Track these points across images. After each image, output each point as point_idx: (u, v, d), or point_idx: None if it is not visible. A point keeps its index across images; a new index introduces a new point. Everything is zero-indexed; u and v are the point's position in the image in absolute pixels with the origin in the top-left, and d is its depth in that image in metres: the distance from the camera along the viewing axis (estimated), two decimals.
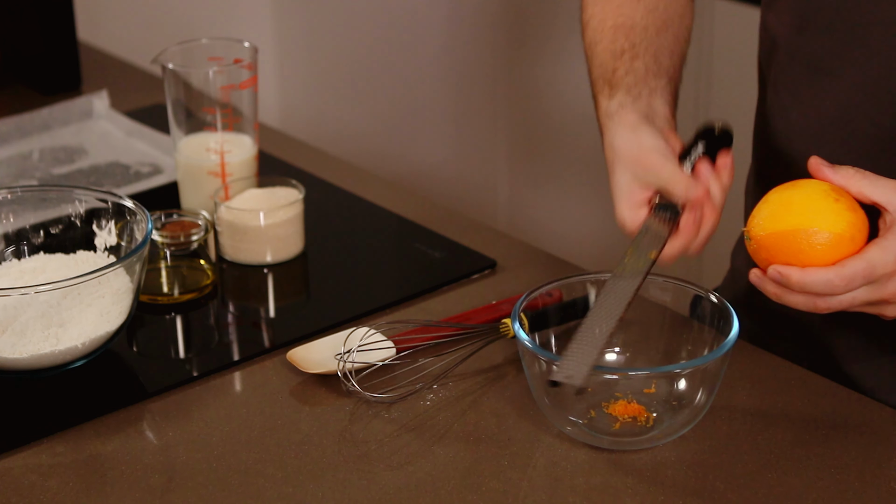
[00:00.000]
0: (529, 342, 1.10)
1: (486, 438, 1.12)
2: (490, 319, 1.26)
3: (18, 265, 1.29)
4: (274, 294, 1.38)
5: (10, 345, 1.17)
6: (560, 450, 1.11)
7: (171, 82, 1.42)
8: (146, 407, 1.18)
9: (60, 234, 1.31)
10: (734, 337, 1.09)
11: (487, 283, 1.36)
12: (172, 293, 1.33)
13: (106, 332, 1.20)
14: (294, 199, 1.40)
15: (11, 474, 1.09)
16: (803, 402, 1.15)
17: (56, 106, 1.73)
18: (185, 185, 1.46)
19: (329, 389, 1.19)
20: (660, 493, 1.06)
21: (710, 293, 1.15)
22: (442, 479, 1.08)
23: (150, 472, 1.10)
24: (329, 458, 1.11)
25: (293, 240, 1.40)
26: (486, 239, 1.45)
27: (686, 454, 1.10)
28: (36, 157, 1.63)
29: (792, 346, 1.30)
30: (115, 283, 1.20)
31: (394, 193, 1.56)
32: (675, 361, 1.17)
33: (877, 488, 1.06)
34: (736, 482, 1.07)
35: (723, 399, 1.15)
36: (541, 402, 1.12)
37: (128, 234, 1.28)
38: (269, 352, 1.25)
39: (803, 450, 1.10)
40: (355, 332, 1.20)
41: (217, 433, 1.14)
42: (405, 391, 1.18)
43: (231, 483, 1.08)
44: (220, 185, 1.42)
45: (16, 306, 1.17)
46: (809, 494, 1.06)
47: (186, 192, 1.46)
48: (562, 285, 1.18)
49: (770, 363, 1.22)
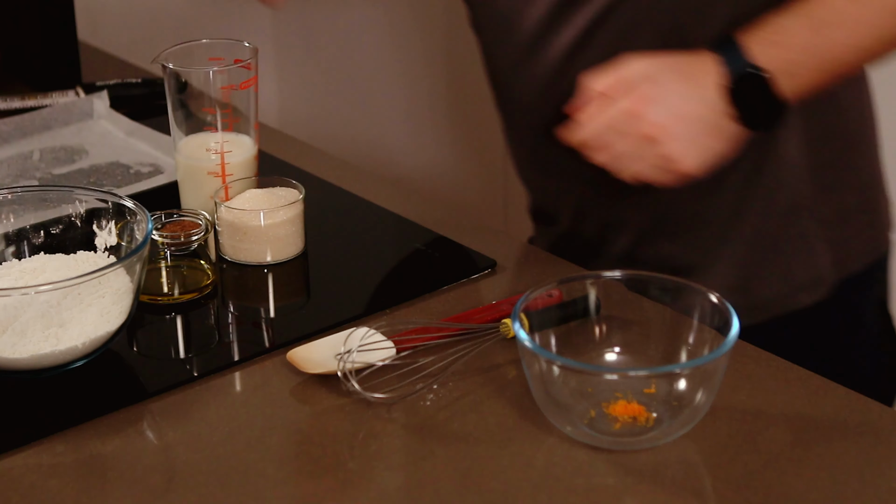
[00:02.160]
0: (529, 342, 1.10)
1: (486, 438, 1.12)
2: (490, 319, 1.26)
3: (18, 265, 1.29)
4: (274, 294, 1.38)
5: (10, 345, 1.17)
6: (560, 450, 1.11)
7: (171, 82, 1.42)
8: (146, 407, 1.18)
9: (60, 234, 1.31)
10: (734, 337, 1.09)
11: (487, 283, 1.36)
12: (172, 293, 1.33)
13: (106, 332, 1.20)
14: (294, 199, 1.40)
15: (11, 474, 1.09)
16: (803, 402, 1.15)
17: (56, 106, 1.73)
18: (185, 185, 1.46)
19: (329, 389, 1.19)
20: (660, 493, 1.06)
21: (711, 293, 1.15)
22: (442, 479, 1.08)
23: (150, 472, 1.10)
24: (329, 458, 1.11)
25: (293, 240, 1.40)
26: (486, 239, 1.45)
27: (686, 454, 1.10)
28: (36, 157, 1.63)
29: None
30: (115, 283, 1.20)
31: (394, 193, 1.56)
32: (675, 361, 1.17)
33: (877, 488, 1.06)
34: (736, 482, 1.07)
35: (723, 399, 1.15)
36: (541, 403, 1.12)
37: (128, 234, 1.28)
38: (269, 352, 1.25)
39: (803, 450, 1.10)
40: (355, 332, 1.20)
41: (217, 433, 1.14)
42: (405, 391, 1.18)
43: (231, 483, 1.08)
44: (220, 185, 1.42)
45: (16, 306, 1.17)
46: (809, 494, 1.06)
47: (186, 192, 1.46)
48: (562, 285, 1.18)
49: (770, 363, 1.22)
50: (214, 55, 1.43)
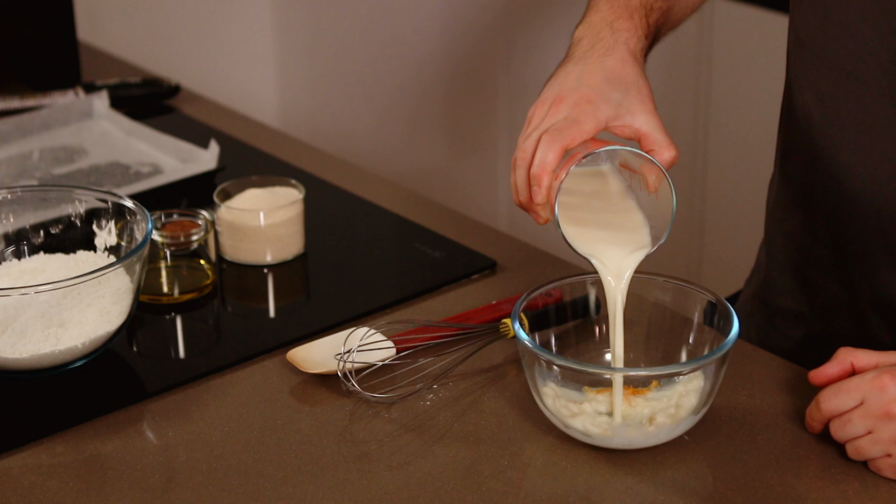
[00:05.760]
0: (529, 342, 1.10)
1: (486, 438, 1.12)
2: (490, 319, 1.26)
3: (18, 265, 1.29)
4: (274, 294, 1.38)
5: (10, 345, 1.17)
6: (560, 450, 1.11)
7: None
8: (146, 407, 1.18)
9: (60, 234, 1.31)
10: (734, 337, 1.09)
11: (487, 283, 1.36)
12: (172, 293, 1.33)
13: (106, 332, 1.20)
14: (294, 199, 1.40)
15: (11, 474, 1.09)
16: (803, 402, 1.15)
17: (56, 106, 1.73)
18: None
19: (329, 389, 1.19)
20: (660, 493, 1.06)
21: (711, 293, 1.15)
22: (442, 479, 1.08)
23: (150, 472, 1.10)
24: (329, 458, 1.11)
25: (293, 240, 1.40)
26: (486, 239, 1.45)
27: (686, 454, 1.10)
28: (36, 157, 1.63)
29: (796, 345, 1.31)
30: (115, 283, 1.20)
31: (394, 193, 1.56)
32: (675, 361, 1.17)
33: (877, 488, 1.06)
34: (736, 482, 1.07)
35: (723, 399, 1.15)
36: (540, 402, 1.12)
37: (128, 234, 1.28)
38: (269, 352, 1.25)
39: (803, 450, 1.10)
40: (355, 332, 1.20)
41: (217, 433, 1.14)
42: (405, 391, 1.18)
43: (231, 483, 1.08)
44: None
45: (16, 306, 1.17)
46: (809, 494, 1.06)
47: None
48: (562, 285, 1.18)
49: (770, 363, 1.22)
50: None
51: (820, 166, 1.24)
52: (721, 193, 2.43)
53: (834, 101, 1.21)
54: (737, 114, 2.36)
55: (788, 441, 1.11)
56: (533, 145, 1.13)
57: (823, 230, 1.28)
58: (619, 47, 1.19)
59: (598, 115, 1.14)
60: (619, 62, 1.18)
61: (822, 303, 1.31)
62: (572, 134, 1.12)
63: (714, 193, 2.44)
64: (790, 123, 1.30)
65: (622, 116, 1.15)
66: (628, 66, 1.18)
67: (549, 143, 1.11)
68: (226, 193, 1.42)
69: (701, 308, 1.16)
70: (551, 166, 1.11)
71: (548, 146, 1.11)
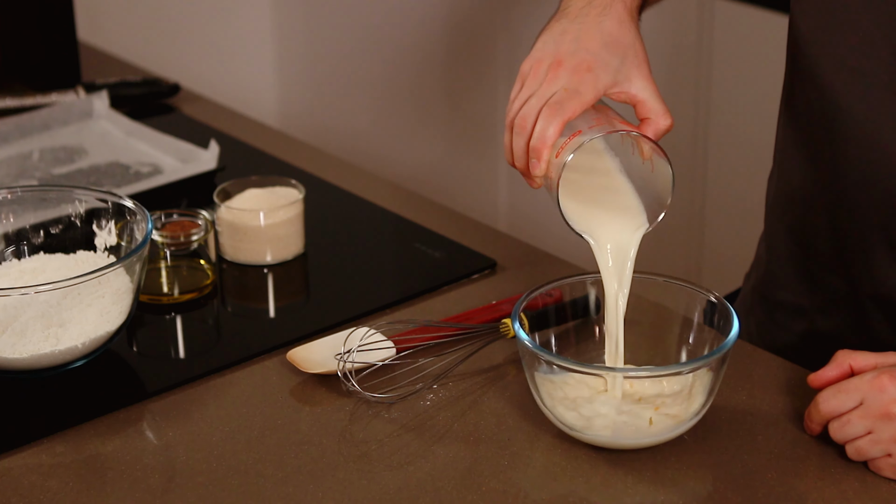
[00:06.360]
0: (529, 342, 1.10)
1: (486, 438, 1.12)
2: (490, 319, 1.26)
3: (18, 265, 1.29)
4: (274, 294, 1.38)
5: (10, 345, 1.17)
6: (560, 450, 1.11)
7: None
8: (146, 407, 1.18)
9: (60, 234, 1.31)
10: (734, 337, 1.09)
11: (487, 283, 1.36)
12: (172, 293, 1.33)
13: (106, 332, 1.20)
14: (294, 199, 1.40)
15: (11, 474, 1.09)
16: (803, 402, 1.15)
17: (56, 106, 1.73)
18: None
19: (329, 389, 1.19)
20: (660, 493, 1.06)
21: (711, 293, 1.15)
22: (442, 479, 1.08)
23: (150, 472, 1.09)
24: (329, 458, 1.11)
25: (293, 240, 1.40)
26: (486, 239, 1.45)
27: (686, 454, 1.10)
28: (36, 157, 1.63)
29: (796, 339, 1.32)
30: (115, 283, 1.20)
31: (394, 193, 1.56)
32: (675, 361, 1.17)
33: (877, 489, 1.06)
34: (736, 482, 1.07)
35: (723, 399, 1.15)
36: (540, 402, 1.12)
37: (128, 234, 1.28)
38: (269, 352, 1.25)
39: (803, 450, 1.10)
40: (355, 332, 1.20)
41: (217, 433, 1.14)
42: (405, 391, 1.18)
43: (231, 483, 1.08)
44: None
45: (16, 306, 1.17)
46: (809, 494, 1.05)
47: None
48: (562, 285, 1.18)
49: (770, 363, 1.22)
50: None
51: (820, 161, 1.25)
52: (721, 188, 2.43)
53: (835, 95, 1.21)
54: (736, 110, 2.36)
55: (788, 441, 1.11)
56: (534, 114, 1.12)
57: (823, 225, 1.28)
58: (616, 5, 1.18)
59: (598, 84, 1.13)
60: (617, 23, 1.17)
61: (823, 297, 1.31)
62: (574, 107, 1.12)
63: (714, 188, 2.44)
64: (790, 118, 1.30)
65: (620, 83, 1.15)
66: (625, 28, 1.17)
67: (550, 117, 1.11)
68: (226, 193, 1.42)
69: (701, 308, 1.16)
70: (552, 140, 1.11)
71: (549, 119, 1.11)
